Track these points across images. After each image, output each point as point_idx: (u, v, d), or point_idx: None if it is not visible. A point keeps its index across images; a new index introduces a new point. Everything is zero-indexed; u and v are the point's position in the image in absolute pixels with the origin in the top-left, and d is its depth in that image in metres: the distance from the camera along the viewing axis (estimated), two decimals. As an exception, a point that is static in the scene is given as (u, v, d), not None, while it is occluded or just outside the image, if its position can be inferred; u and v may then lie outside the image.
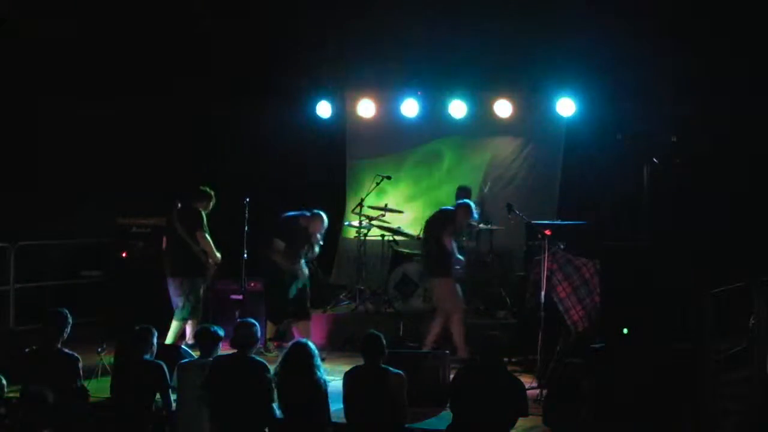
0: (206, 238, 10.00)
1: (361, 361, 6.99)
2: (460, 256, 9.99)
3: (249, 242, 9.85)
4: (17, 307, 11.06)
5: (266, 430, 6.86)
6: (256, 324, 7.16)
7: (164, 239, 10.28)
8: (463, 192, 11.63)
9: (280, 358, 6.99)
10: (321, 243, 10.38)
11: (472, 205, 10.20)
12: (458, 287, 9.94)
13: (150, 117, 12.54)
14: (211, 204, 10.25)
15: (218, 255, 10.11)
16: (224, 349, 7.44)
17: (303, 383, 6.71)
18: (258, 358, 7.06)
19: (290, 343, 7.19)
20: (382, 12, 12.12)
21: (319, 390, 6.76)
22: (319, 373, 6.76)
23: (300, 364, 6.75)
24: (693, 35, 10.84)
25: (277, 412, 6.87)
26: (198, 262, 10.02)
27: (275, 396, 6.79)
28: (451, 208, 10.20)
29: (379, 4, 12.19)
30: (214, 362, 7.00)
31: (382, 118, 12.92)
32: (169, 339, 9.73)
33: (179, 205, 10.22)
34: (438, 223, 9.99)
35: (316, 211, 10.19)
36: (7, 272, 11.10)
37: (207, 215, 10.16)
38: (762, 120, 10.67)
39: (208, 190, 10.22)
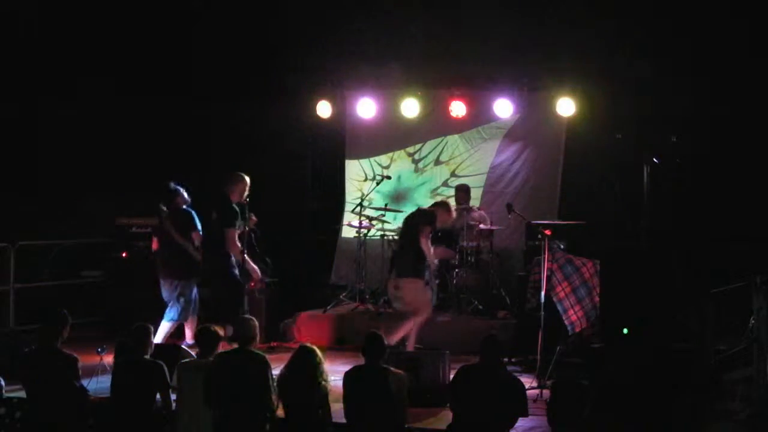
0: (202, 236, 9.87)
1: (361, 361, 6.99)
2: (435, 261, 9.62)
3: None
4: (17, 307, 11.05)
5: (267, 424, 6.85)
6: (254, 319, 7.18)
7: (154, 240, 10.16)
8: (461, 191, 11.63)
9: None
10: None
11: (451, 204, 9.98)
12: (429, 290, 9.60)
13: (150, 117, 12.53)
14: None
15: None
16: (223, 347, 7.45)
17: (305, 386, 6.71)
18: (258, 352, 7.06)
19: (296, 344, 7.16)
20: (382, 11, 12.12)
21: (321, 392, 6.76)
22: (321, 378, 6.76)
23: (304, 368, 6.75)
24: (693, 35, 10.85)
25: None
26: (192, 263, 9.90)
27: (273, 389, 6.80)
28: (430, 208, 9.82)
29: (379, 4, 12.19)
30: (217, 358, 7.00)
31: (382, 118, 12.90)
32: (157, 339, 9.64)
33: (167, 207, 10.04)
34: (415, 224, 9.57)
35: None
36: (7, 272, 11.08)
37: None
38: (762, 119, 10.67)
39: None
